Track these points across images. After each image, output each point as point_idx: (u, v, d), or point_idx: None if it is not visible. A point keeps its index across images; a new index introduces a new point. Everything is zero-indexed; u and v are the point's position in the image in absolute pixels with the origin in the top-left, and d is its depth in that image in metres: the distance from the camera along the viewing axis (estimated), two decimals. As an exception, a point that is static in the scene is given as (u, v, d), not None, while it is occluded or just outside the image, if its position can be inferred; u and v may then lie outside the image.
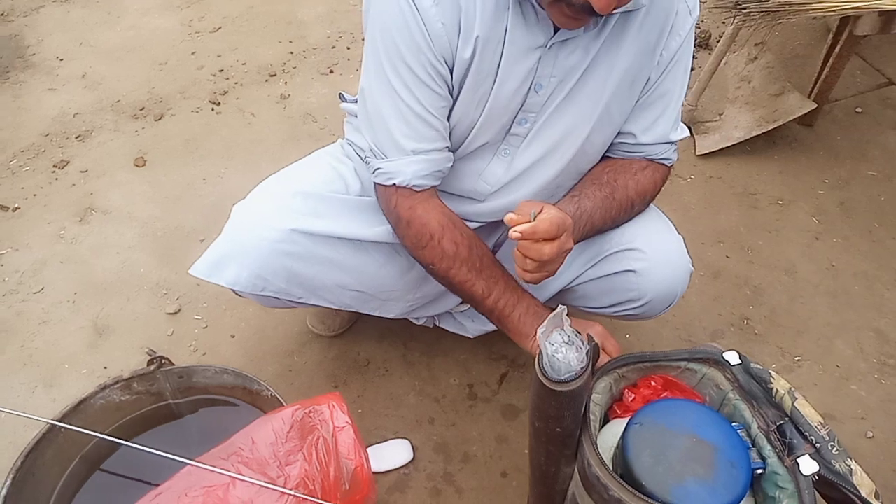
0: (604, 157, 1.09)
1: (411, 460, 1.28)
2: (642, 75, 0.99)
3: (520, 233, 0.84)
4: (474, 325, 1.31)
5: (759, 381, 0.90)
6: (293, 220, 1.03)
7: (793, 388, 0.88)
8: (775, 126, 1.86)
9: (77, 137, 1.95)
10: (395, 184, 0.97)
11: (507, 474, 1.27)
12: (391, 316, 1.23)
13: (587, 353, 0.74)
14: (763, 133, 1.88)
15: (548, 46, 0.92)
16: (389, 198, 1.00)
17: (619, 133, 1.05)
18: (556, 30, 0.91)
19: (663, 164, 1.08)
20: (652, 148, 1.05)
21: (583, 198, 1.01)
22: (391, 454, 1.28)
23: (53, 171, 1.85)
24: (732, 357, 0.92)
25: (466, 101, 0.97)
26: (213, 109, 2.04)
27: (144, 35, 2.30)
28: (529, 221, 0.85)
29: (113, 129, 1.97)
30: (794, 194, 1.82)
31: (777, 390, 0.88)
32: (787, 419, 0.85)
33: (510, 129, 1.01)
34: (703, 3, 2.45)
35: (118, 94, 2.08)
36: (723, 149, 1.89)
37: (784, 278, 1.62)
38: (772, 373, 0.90)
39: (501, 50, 0.92)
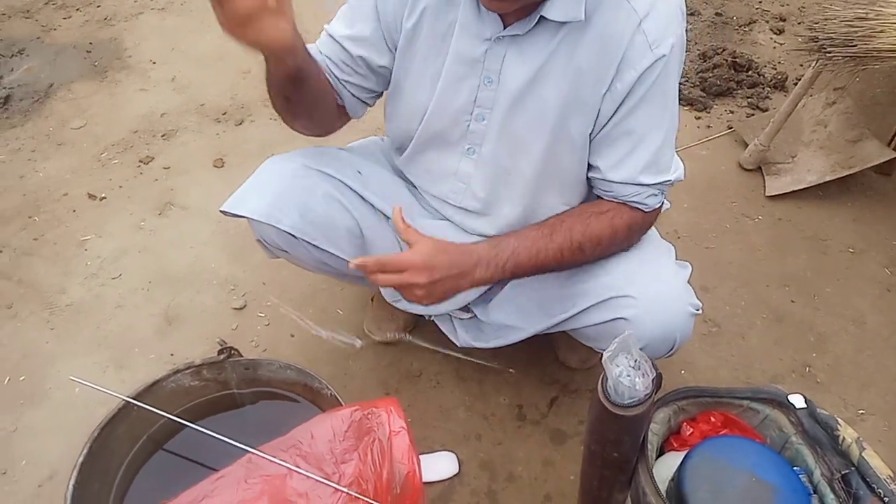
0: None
1: (456, 474, 1.29)
2: (591, 100, 0.99)
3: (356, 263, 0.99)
4: (465, 336, 1.32)
5: (824, 427, 0.88)
6: (305, 159, 1.15)
7: (861, 438, 0.86)
8: (851, 172, 1.82)
9: (163, 136, 2.06)
10: None
11: (552, 498, 1.27)
12: (386, 295, 1.32)
13: (653, 380, 0.75)
14: (837, 179, 1.83)
15: (493, 39, 0.97)
16: None
17: (589, 166, 1.07)
18: (506, 27, 0.96)
19: (638, 209, 1.06)
20: (621, 188, 1.04)
21: (511, 235, 1.05)
22: (438, 465, 1.29)
23: (139, 166, 1.96)
24: (798, 400, 0.91)
25: (419, 75, 1.04)
26: (289, 118, 2.13)
27: (231, 44, 2.37)
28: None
29: (196, 130, 2.08)
30: (867, 243, 1.76)
31: (844, 438, 0.86)
32: (853, 469, 0.83)
33: (469, 125, 1.06)
34: (781, 45, 2.42)
35: (203, 98, 2.20)
36: (793, 192, 1.85)
37: (851, 328, 1.57)
38: (839, 420, 0.88)
39: (453, 32, 0.99)
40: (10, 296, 1.62)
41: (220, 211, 1.15)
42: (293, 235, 1.13)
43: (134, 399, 1.06)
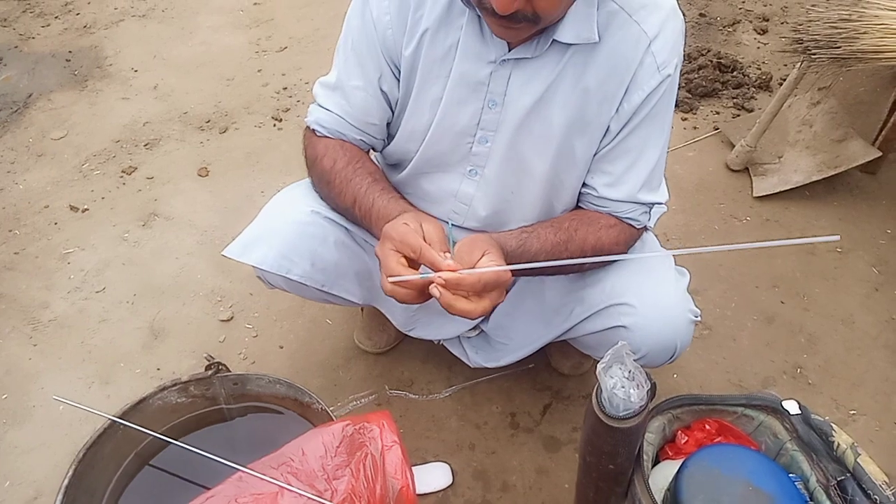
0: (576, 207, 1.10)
1: (450, 485, 1.28)
2: (599, 121, 0.98)
3: (443, 281, 0.82)
4: (476, 357, 1.31)
5: (819, 434, 0.88)
6: (314, 203, 1.11)
7: (855, 444, 0.86)
8: (837, 172, 1.83)
9: (145, 145, 2.03)
10: (307, 125, 1.11)
11: (547, 507, 1.26)
12: (397, 324, 1.27)
13: (648, 391, 0.74)
14: (823, 179, 1.84)
15: (498, 62, 0.95)
16: (304, 137, 1.13)
17: (583, 183, 1.06)
18: (511, 49, 0.94)
19: (631, 226, 1.06)
20: (618, 205, 1.04)
21: (532, 238, 0.99)
22: (431, 477, 1.28)
23: (121, 177, 1.93)
24: (792, 406, 0.91)
25: (419, 98, 1.03)
26: (274, 125, 2.11)
27: (214, 51, 2.40)
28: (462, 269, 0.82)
29: (179, 139, 2.06)
30: (854, 243, 1.78)
31: (839, 444, 0.86)
32: (848, 475, 0.83)
33: (472, 147, 1.04)
34: (765, 45, 2.44)
35: (186, 106, 2.17)
36: (780, 192, 1.86)
37: (841, 328, 1.58)
38: (833, 425, 0.88)
39: (455, 55, 0.97)
40: (-10, 312, 1.59)
41: (223, 255, 1.12)
42: (303, 284, 1.12)
43: (120, 418, 1.04)
